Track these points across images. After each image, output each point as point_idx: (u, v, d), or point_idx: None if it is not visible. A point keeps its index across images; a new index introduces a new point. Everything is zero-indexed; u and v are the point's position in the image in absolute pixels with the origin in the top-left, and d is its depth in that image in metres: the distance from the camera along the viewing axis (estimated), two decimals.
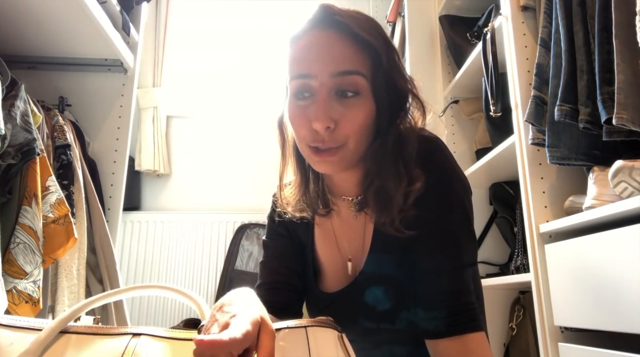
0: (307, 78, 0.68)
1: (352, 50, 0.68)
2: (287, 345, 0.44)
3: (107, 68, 1.71)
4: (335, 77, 0.67)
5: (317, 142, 0.69)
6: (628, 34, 0.97)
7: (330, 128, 0.67)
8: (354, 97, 0.68)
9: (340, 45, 0.68)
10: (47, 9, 1.37)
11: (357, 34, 0.68)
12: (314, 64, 0.68)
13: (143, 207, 2.59)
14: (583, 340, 1.13)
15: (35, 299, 1.16)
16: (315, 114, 0.67)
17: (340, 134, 0.68)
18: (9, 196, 1.19)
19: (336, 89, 0.68)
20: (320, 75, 0.67)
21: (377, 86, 0.70)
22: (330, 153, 0.69)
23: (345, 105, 0.68)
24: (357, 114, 0.68)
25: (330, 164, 0.70)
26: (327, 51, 0.68)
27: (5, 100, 1.16)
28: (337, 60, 0.67)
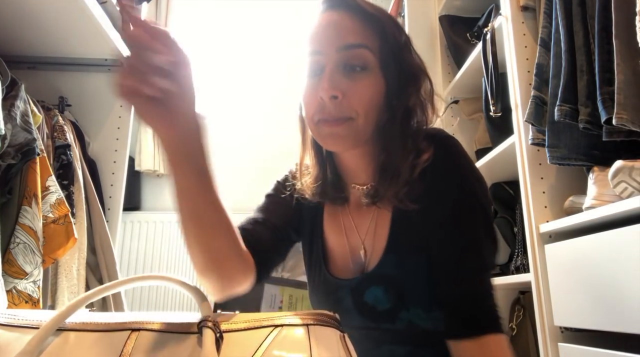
0: (316, 55, 0.70)
1: (359, 25, 0.70)
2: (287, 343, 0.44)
3: (107, 68, 1.71)
4: (341, 51, 0.69)
5: (324, 114, 0.69)
6: (628, 34, 0.97)
7: (337, 98, 0.68)
8: (362, 72, 0.69)
9: (347, 21, 0.70)
10: (47, 9, 1.37)
11: (365, 10, 0.71)
12: (321, 40, 0.70)
13: (143, 207, 2.59)
14: (583, 340, 1.13)
15: (35, 299, 1.17)
16: (322, 84, 0.67)
17: (347, 106, 0.68)
18: (9, 196, 1.19)
19: (344, 63, 0.69)
20: (327, 50, 0.69)
21: (385, 62, 0.71)
22: (337, 123, 0.69)
23: (353, 79, 0.69)
24: (365, 89, 0.69)
25: (338, 138, 0.70)
26: (334, 27, 0.70)
27: (5, 100, 1.16)
28: (344, 35, 0.69)
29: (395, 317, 0.77)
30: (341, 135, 0.70)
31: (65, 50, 1.63)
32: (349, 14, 0.71)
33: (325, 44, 0.70)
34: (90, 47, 1.62)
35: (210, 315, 0.45)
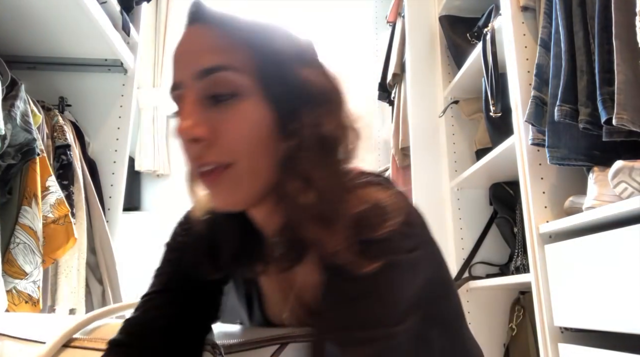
0: (176, 89, 0.54)
1: (220, 41, 0.53)
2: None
3: (107, 68, 1.71)
4: (199, 80, 0.52)
5: (199, 164, 0.52)
6: (628, 34, 0.97)
7: (202, 140, 0.50)
8: (231, 101, 0.51)
9: (204, 39, 0.53)
10: (47, 9, 1.37)
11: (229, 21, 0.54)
12: (178, 69, 0.54)
13: (143, 208, 2.59)
14: (583, 340, 1.13)
15: (35, 299, 1.16)
16: (180, 124, 0.51)
17: (222, 148, 0.51)
18: (9, 196, 1.19)
19: (205, 93, 0.52)
20: (184, 79, 0.53)
21: (267, 83, 0.53)
22: (215, 174, 0.51)
23: (221, 112, 0.51)
24: (240, 122, 0.51)
25: (223, 193, 0.52)
26: (189, 50, 0.54)
27: (5, 101, 1.16)
28: (199, 57, 0.52)
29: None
30: (224, 187, 0.52)
31: (65, 50, 1.63)
32: (208, 29, 0.54)
33: (181, 74, 0.53)
34: (90, 47, 1.62)
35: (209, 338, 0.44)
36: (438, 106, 2.04)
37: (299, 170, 0.51)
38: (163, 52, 2.66)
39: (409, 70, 2.12)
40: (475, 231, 1.85)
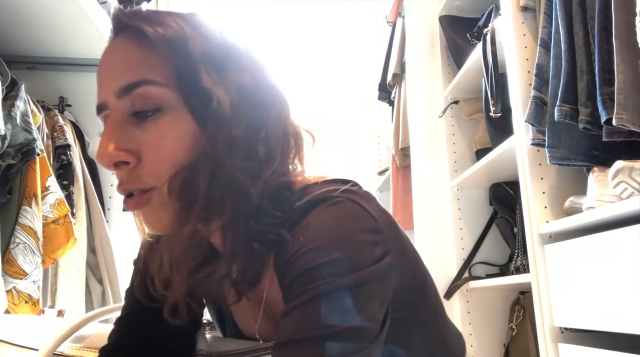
0: (102, 111, 0.51)
1: (136, 54, 0.50)
2: None
3: None
4: (122, 98, 0.49)
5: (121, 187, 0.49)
6: (628, 34, 0.97)
7: (127, 164, 0.48)
8: (154, 116, 0.48)
9: (123, 54, 0.50)
10: (47, 9, 1.37)
11: (142, 30, 0.49)
12: (101, 88, 0.51)
13: None
14: (583, 340, 1.13)
15: (35, 299, 1.17)
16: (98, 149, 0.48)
17: (145, 172, 0.48)
18: (9, 196, 1.19)
19: (128, 111, 0.49)
20: (108, 99, 0.50)
21: (190, 93, 0.49)
22: (140, 197, 0.49)
23: (145, 131, 0.48)
24: (163, 139, 0.48)
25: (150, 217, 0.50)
26: (109, 67, 0.51)
27: (5, 101, 1.16)
28: (119, 74, 0.49)
29: None
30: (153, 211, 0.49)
31: (65, 50, 1.63)
32: (124, 41, 0.51)
33: (104, 92, 0.50)
34: (90, 47, 1.62)
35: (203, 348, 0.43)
36: (438, 106, 2.04)
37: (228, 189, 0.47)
38: None
39: (409, 70, 2.12)
40: (475, 231, 1.85)
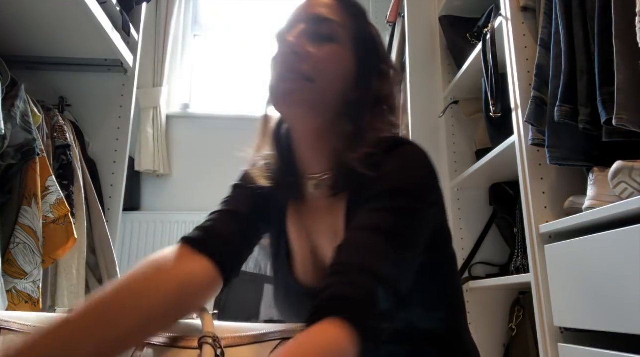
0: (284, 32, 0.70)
1: (333, 4, 0.70)
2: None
3: (107, 68, 1.71)
4: (311, 20, 0.69)
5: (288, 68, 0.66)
6: (628, 34, 0.97)
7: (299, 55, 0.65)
8: (329, 42, 0.68)
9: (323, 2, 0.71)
10: (47, 9, 1.37)
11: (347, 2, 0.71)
12: (293, 17, 0.71)
13: (143, 208, 2.59)
14: (583, 341, 1.13)
15: (35, 299, 1.17)
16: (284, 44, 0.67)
17: (310, 65, 0.65)
18: (9, 196, 1.19)
19: (312, 31, 0.68)
20: (299, 16, 0.70)
21: (357, 42, 0.70)
22: (295, 81, 0.65)
23: (319, 46, 0.67)
24: (330, 55, 0.67)
25: (294, 100, 0.65)
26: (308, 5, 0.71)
27: (5, 101, 1.16)
28: (316, 7, 0.70)
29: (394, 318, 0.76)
30: (297, 97, 0.65)
31: (65, 50, 1.63)
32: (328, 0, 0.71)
33: (295, 19, 0.70)
34: (90, 47, 1.62)
35: (210, 330, 0.44)
36: (438, 106, 2.04)
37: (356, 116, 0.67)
38: (163, 52, 2.66)
39: (409, 70, 2.12)
40: (475, 231, 1.85)
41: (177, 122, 2.72)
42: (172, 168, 2.65)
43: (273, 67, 0.68)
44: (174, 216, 2.52)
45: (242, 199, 0.78)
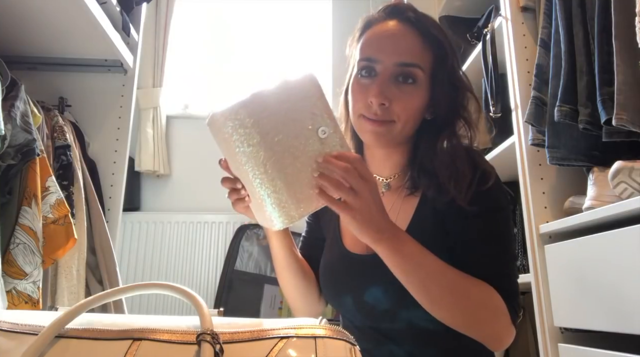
0: (373, 62, 0.79)
1: (418, 44, 0.79)
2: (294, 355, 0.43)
3: (107, 68, 1.71)
4: (397, 67, 0.78)
5: (370, 114, 0.78)
6: (628, 34, 0.97)
7: (384, 105, 0.76)
8: (410, 85, 0.78)
9: (408, 39, 0.79)
10: (47, 9, 1.37)
11: (426, 30, 0.79)
12: (382, 51, 0.79)
13: (143, 208, 2.59)
14: (583, 341, 1.13)
15: (35, 300, 1.16)
16: (374, 90, 0.76)
17: (391, 112, 0.77)
18: (9, 197, 1.19)
19: (396, 75, 0.78)
20: (385, 61, 0.78)
21: (434, 80, 0.79)
22: (379, 123, 0.77)
23: (400, 90, 0.78)
24: (409, 99, 0.78)
25: (376, 135, 0.79)
26: (396, 42, 0.79)
27: (5, 101, 1.16)
28: (403, 52, 0.78)
29: (395, 317, 0.78)
30: (381, 134, 0.78)
31: (65, 50, 1.63)
32: (410, 30, 0.79)
33: (384, 56, 0.78)
34: (90, 47, 1.62)
35: (209, 327, 0.44)
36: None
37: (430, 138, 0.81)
38: (163, 52, 2.66)
39: None
40: None
41: (177, 122, 2.72)
42: (172, 168, 2.65)
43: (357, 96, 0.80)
44: (173, 216, 2.52)
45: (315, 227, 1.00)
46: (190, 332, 0.44)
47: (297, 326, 0.44)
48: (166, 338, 0.44)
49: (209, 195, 2.62)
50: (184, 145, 2.69)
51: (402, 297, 0.76)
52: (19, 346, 0.45)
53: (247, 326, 0.45)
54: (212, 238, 2.49)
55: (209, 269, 2.45)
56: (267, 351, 0.42)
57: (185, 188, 2.63)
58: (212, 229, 2.50)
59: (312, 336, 0.43)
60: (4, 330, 0.47)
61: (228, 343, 0.43)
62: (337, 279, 0.87)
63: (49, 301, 1.32)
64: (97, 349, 0.45)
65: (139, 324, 0.46)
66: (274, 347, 0.42)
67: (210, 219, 2.52)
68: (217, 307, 1.20)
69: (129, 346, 0.44)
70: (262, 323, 0.46)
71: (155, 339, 0.44)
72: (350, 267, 0.85)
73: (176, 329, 0.45)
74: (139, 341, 0.44)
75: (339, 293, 0.86)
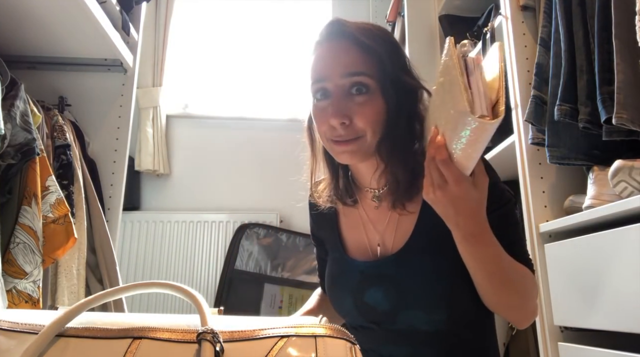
0: (322, 81, 0.79)
1: (358, 55, 0.79)
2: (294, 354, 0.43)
3: (107, 68, 1.71)
4: (344, 78, 0.78)
5: (336, 136, 0.78)
6: (628, 33, 0.97)
7: (345, 123, 0.77)
8: (363, 95, 0.78)
9: (348, 52, 0.79)
10: (47, 9, 1.37)
11: (363, 42, 0.79)
12: (326, 69, 0.79)
13: (143, 207, 2.59)
14: (583, 340, 1.13)
15: (35, 299, 1.17)
16: (332, 112, 0.77)
17: (355, 128, 0.77)
18: (9, 196, 1.19)
19: (348, 88, 0.78)
20: (332, 77, 0.78)
21: (384, 85, 0.79)
22: (347, 143, 0.78)
23: (356, 103, 0.78)
24: (368, 110, 0.78)
25: (349, 154, 0.79)
26: (337, 57, 0.79)
27: (5, 100, 1.16)
28: (346, 64, 0.78)
29: (395, 319, 0.78)
30: (353, 151, 0.79)
31: (65, 50, 1.63)
32: (348, 44, 0.79)
33: (329, 72, 0.79)
34: (90, 47, 1.62)
35: (209, 326, 0.44)
36: None
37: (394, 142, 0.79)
38: (163, 52, 2.66)
39: None
40: None
41: (176, 122, 2.72)
42: (172, 168, 2.65)
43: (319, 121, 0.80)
44: (173, 215, 2.52)
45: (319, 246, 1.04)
46: (191, 331, 0.44)
47: (297, 325, 0.44)
48: (166, 337, 0.44)
49: (209, 194, 2.62)
50: (184, 144, 2.69)
51: (402, 298, 0.77)
52: (19, 345, 0.45)
53: (247, 325, 0.45)
54: (212, 237, 2.49)
55: (209, 268, 2.45)
56: (267, 350, 0.42)
57: (185, 187, 2.63)
58: (212, 228, 2.50)
59: (312, 335, 0.43)
60: (4, 329, 0.47)
61: (228, 342, 0.43)
62: (339, 282, 0.88)
63: (49, 301, 1.32)
64: (97, 348, 0.45)
65: (139, 323, 0.46)
66: (274, 346, 0.42)
67: (210, 219, 2.52)
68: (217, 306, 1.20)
69: (129, 344, 0.44)
70: (262, 322, 0.46)
71: (155, 337, 0.44)
72: (352, 271, 0.86)
73: (176, 327, 0.45)
74: (139, 340, 0.44)
75: (340, 294, 0.87)
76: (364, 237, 0.89)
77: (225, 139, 2.71)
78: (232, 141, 2.70)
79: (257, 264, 2.38)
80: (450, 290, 0.76)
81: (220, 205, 2.59)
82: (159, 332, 0.45)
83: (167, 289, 0.52)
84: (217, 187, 2.63)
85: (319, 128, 0.82)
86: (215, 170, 2.66)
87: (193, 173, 2.65)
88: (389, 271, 0.81)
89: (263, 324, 0.45)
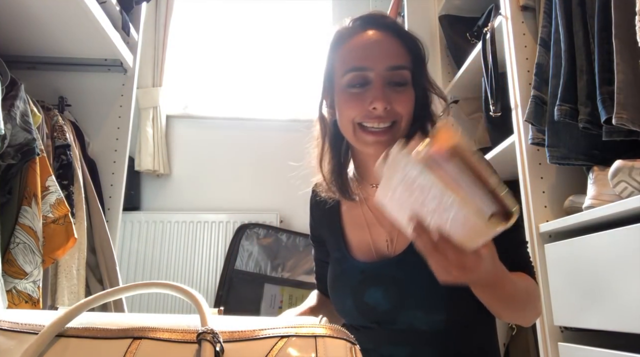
0: (364, 70, 0.81)
1: (402, 48, 0.83)
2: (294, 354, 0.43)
3: (107, 68, 1.71)
4: (390, 71, 0.81)
5: (372, 121, 0.80)
6: (628, 34, 0.97)
7: (386, 108, 0.79)
8: (402, 86, 0.82)
9: (392, 43, 0.83)
10: (47, 9, 1.37)
11: (405, 35, 0.84)
12: (370, 58, 0.81)
13: (143, 207, 2.59)
14: (583, 340, 1.13)
15: (35, 299, 1.17)
16: (376, 96, 0.79)
17: (394, 113, 0.80)
18: (9, 196, 1.19)
19: (389, 80, 0.81)
20: (376, 68, 0.80)
21: (416, 80, 0.84)
22: (383, 132, 0.80)
23: (396, 92, 0.81)
24: (406, 98, 0.82)
25: (381, 144, 0.80)
26: (383, 48, 0.82)
27: (5, 101, 1.16)
28: (392, 56, 0.82)
29: (395, 319, 0.78)
30: (384, 141, 0.80)
31: (65, 50, 1.63)
32: (392, 36, 0.83)
33: (374, 62, 0.81)
34: (90, 47, 1.62)
35: (209, 326, 0.44)
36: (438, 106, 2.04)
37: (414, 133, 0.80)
38: (163, 52, 2.65)
39: None
40: None
41: (176, 122, 2.72)
42: (172, 168, 2.65)
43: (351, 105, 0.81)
44: (173, 215, 2.52)
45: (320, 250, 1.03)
46: (191, 331, 0.44)
47: (297, 325, 0.44)
48: (166, 337, 0.44)
49: (209, 194, 2.62)
50: (184, 144, 2.69)
51: (402, 298, 0.77)
52: (19, 345, 0.45)
53: (247, 325, 0.45)
54: (212, 237, 2.49)
55: (209, 268, 2.45)
56: (267, 350, 0.42)
57: (185, 188, 2.63)
58: (212, 228, 2.50)
59: (312, 335, 0.43)
60: (4, 329, 0.47)
61: (228, 342, 0.43)
62: (340, 281, 0.88)
63: (49, 301, 1.32)
64: (97, 348, 0.45)
65: (139, 323, 0.46)
66: (274, 347, 0.42)
67: (210, 219, 2.52)
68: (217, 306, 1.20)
69: (129, 344, 0.44)
70: (262, 322, 0.46)
71: (155, 337, 0.44)
72: (353, 271, 0.86)
73: (176, 327, 0.45)
74: (139, 340, 0.44)
75: (340, 294, 0.87)
76: (367, 236, 0.89)
77: (225, 139, 2.71)
78: (232, 141, 2.70)
79: (257, 264, 2.38)
80: (450, 291, 0.76)
81: (220, 205, 2.59)
82: (159, 332, 0.45)
83: (167, 289, 0.52)
84: (217, 188, 2.63)
85: (347, 113, 0.82)
86: (215, 170, 2.66)
87: (193, 173, 2.65)
88: (390, 271, 0.81)
89: (263, 324, 0.45)
